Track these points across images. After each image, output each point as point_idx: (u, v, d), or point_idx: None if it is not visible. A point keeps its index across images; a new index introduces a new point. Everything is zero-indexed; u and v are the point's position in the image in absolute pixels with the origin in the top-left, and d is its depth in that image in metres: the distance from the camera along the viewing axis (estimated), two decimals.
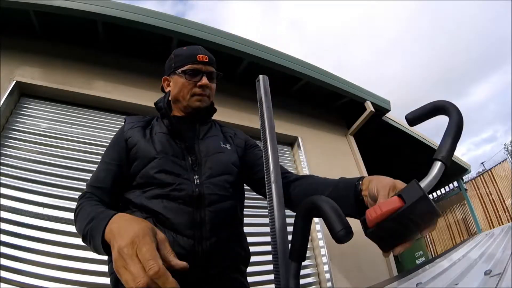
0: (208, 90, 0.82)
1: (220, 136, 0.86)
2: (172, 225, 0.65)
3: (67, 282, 1.54)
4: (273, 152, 0.50)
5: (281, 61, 2.74)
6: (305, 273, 2.41)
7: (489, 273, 0.43)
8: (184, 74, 0.81)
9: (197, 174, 0.72)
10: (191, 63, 0.81)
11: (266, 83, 0.55)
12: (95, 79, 2.24)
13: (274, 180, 0.47)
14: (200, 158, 0.76)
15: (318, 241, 2.56)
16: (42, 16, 2.04)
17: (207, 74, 0.82)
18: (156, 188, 0.69)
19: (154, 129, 0.80)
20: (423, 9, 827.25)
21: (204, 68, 0.82)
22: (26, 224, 1.62)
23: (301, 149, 3.01)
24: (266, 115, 0.52)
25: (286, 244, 0.43)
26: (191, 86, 0.81)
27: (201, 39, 2.33)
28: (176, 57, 0.84)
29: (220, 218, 0.70)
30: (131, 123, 0.81)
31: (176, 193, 0.68)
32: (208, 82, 0.81)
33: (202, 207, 0.68)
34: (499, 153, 20.99)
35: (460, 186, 6.69)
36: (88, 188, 0.73)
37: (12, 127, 1.90)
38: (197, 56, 0.81)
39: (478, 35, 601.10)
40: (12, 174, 1.74)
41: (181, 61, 0.82)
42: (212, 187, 0.72)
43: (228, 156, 0.81)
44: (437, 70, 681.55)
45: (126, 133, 0.78)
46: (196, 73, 0.81)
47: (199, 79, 0.81)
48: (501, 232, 1.23)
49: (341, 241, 0.35)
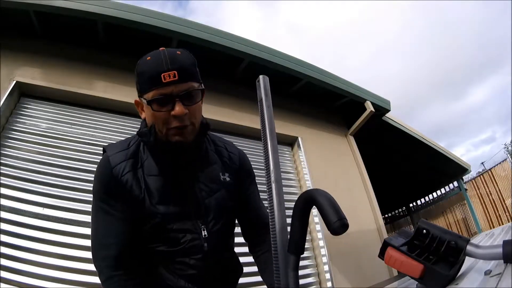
0: (188, 119, 0.63)
1: (218, 164, 0.76)
2: (184, 276, 0.69)
3: (67, 282, 1.54)
4: (273, 152, 0.50)
5: (281, 61, 2.74)
6: (305, 273, 2.41)
7: (489, 273, 0.43)
8: (150, 105, 0.61)
9: (203, 223, 0.70)
10: (155, 87, 0.60)
11: (266, 83, 0.55)
12: (95, 79, 2.24)
13: (274, 180, 0.47)
14: (202, 199, 0.70)
15: (318, 241, 2.56)
16: (42, 16, 2.04)
17: (182, 98, 0.61)
18: (163, 245, 0.68)
19: (144, 169, 0.68)
20: (423, 9, 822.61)
21: (175, 90, 0.60)
22: (26, 224, 1.62)
23: (301, 149, 3.01)
24: (267, 116, 0.52)
25: (286, 243, 0.44)
26: (164, 116, 0.62)
27: (201, 39, 2.33)
28: (139, 77, 0.64)
29: (222, 257, 0.77)
30: (119, 165, 0.66)
31: (186, 251, 0.68)
32: (183, 110, 0.60)
33: (210, 258, 0.71)
34: (499, 153, 20.99)
35: (460, 186, 6.68)
36: (104, 250, 0.66)
37: (12, 127, 1.90)
38: (161, 76, 0.59)
39: (478, 35, 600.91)
40: (12, 174, 1.74)
41: (144, 85, 0.62)
42: (219, 237, 0.73)
43: (228, 192, 0.75)
44: (437, 70, 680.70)
45: (120, 180, 0.65)
46: (166, 101, 0.61)
47: (171, 108, 0.61)
48: (501, 232, 1.23)
49: (337, 232, 0.36)
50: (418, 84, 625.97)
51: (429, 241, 0.48)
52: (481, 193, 6.80)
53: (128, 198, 0.66)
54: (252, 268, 2.30)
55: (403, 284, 0.74)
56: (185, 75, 0.62)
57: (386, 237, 0.66)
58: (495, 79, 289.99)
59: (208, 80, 3.13)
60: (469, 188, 6.94)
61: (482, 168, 10.40)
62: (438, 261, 0.45)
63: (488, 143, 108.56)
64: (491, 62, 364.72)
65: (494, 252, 0.42)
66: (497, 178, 6.47)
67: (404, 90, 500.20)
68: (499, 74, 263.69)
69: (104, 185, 0.67)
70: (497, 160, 7.08)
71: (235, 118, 2.69)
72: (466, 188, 6.73)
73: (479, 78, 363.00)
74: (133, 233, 0.68)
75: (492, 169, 6.70)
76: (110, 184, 0.66)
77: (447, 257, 0.45)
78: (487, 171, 6.91)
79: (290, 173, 2.96)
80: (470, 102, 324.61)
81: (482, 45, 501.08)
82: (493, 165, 6.80)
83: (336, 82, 3.18)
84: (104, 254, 0.66)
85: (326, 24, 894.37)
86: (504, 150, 19.03)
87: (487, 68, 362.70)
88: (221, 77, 2.82)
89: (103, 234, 0.67)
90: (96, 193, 0.69)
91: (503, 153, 17.58)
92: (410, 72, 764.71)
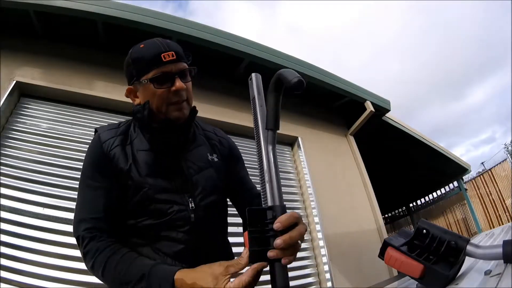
0: (185, 93, 0.69)
1: (206, 145, 0.79)
2: (170, 253, 0.65)
3: (67, 282, 1.54)
4: (266, 151, 0.50)
5: (281, 61, 2.74)
6: (305, 273, 2.41)
7: (489, 273, 0.43)
8: (152, 83, 0.66)
9: (190, 197, 0.69)
10: (156, 67, 0.66)
11: (259, 81, 0.55)
12: (95, 79, 2.24)
13: (268, 180, 0.47)
14: (190, 175, 0.71)
15: (318, 241, 2.56)
16: (42, 16, 2.04)
17: (179, 75, 0.68)
18: (150, 219, 0.66)
19: (134, 145, 0.71)
20: (423, 9, 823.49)
21: (174, 68, 0.67)
22: (26, 224, 1.62)
23: (301, 149, 3.01)
24: (260, 114, 0.52)
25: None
26: (164, 94, 0.67)
27: (201, 39, 2.33)
28: (135, 63, 0.69)
29: (213, 239, 0.73)
30: (109, 141, 0.69)
31: (173, 223, 0.66)
32: (183, 85, 0.67)
33: (198, 232, 0.68)
34: (499, 153, 21.00)
35: (460, 186, 6.68)
36: (86, 223, 0.63)
37: (12, 127, 1.90)
38: (161, 55, 0.66)
39: (478, 35, 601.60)
40: (12, 174, 1.74)
41: (144, 67, 0.68)
42: (207, 210, 0.71)
43: (217, 172, 0.76)
44: (437, 70, 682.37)
45: (107, 154, 0.68)
46: (166, 78, 0.67)
47: (172, 84, 0.67)
48: (501, 232, 1.23)
49: (297, 88, 0.40)
50: (418, 84, 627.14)
51: (429, 241, 0.48)
52: (481, 193, 6.80)
53: (116, 172, 0.67)
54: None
55: (403, 284, 0.74)
56: (180, 56, 0.69)
57: (386, 237, 0.66)
58: (495, 79, 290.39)
59: (208, 80, 3.14)
60: (469, 188, 6.94)
61: (482, 168, 10.40)
62: (438, 261, 0.45)
63: (488, 143, 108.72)
64: (491, 62, 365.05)
65: (494, 252, 0.42)
66: (497, 178, 6.47)
67: (404, 90, 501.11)
68: (499, 74, 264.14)
69: (94, 161, 0.69)
70: (497, 160, 7.09)
71: (235, 118, 2.69)
72: (466, 188, 6.73)
73: (479, 78, 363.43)
74: (118, 210, 0.67)
75: (492, 169, 6.71)
76: (100, 160, 0.68)
77: (447, 257, 0.45)
78: (487, 171, 6.91)
79: (290, 173, 2.96)
80: (470, 102, 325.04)
81: (482, 45, 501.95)
82: (493, 165, 6.80)
83: (336, 82, 3.18)
84: (88, 226, 0.63)
85: (326, 24, 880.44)
86: (504, 150, 19.02)
87: (487, 68, 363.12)
88: (221, 77, 2.83)
89: (88, 208, 0.65)
90: (85, 170, 0.70)
91: (503, 153, 17.57)
92: (410, 72, 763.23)
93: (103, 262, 0.60)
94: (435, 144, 5.05)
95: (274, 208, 0.45)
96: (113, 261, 0.59)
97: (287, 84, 0.41)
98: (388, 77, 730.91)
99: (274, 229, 0.43)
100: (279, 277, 0.42)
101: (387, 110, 3.68)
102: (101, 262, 0.60)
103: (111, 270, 0.59)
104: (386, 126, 4.02)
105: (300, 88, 0.40)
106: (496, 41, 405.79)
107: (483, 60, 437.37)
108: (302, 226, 0.47)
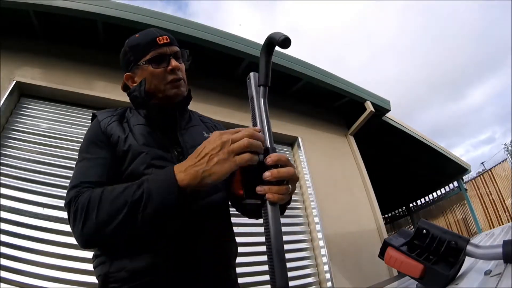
0: (181, 73, 0.75)
1: (202, 126, 0.83)
2: (164, 236, 0.61)
3: (67, 282, 1.54)
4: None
5: (281, 61, 2.74)
6: (305, 273, 2.41)
7: (489, 273, 0.43)
8: (150, 64, 0.72)
9: None
10: (153, 49, 0.73)
11: (257, 80, 0.56)
12: (95, 79, 2.24)
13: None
14: (186, 149, 0.71)
15: (318, 241, 2.56)
16: (42, 16, 2.04)
17: (174, 56, 0.74)
18: None
19: (130, 122, 0.74)
20: (423, 9, 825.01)
21: (169, 50, 0.74)
22: (26, 224, 1.62)
23: (301, 149, 3.01)
24: (257, 113, 0.53)
25: (280, 247, 0.43)
26: (162, 74, 0.72)
27: (201, 39, 2.33)
28: (132, 49, 0.76)
29: (212, 211, 0.68)
30: (106, 119, 0.73)
31: None
32: (178, 64, 0.74)
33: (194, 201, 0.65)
34: (499, 153, 21.00)
35: (460, 186, 6.68)
36: (77, 188, 0.60)
37: (12, 127, 1.90)
38: (156, 39, 0.73)
39: (478, 35, 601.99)
40: (12, 174, 1.74)
41: (141, 51, 0.74)
42: None
43: None
44: (437, 70, 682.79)
45: (105, 130, 0.70)
46: (162, 58, 0.73)
47: (168, 63, 0.73)
48: (501, 232, 1.23)
49: (284, 43, 0.45)
50: (418, 84, 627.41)
51: (429, 241, 0.48)
52: (481, 193, 6.80)
53: (113, 143, 0.68)
54: (252, 268, 2.29)
55: (403, 284, 0.74)
56: (173, 41, 0.77)
57: (386, 237, 0.66)
58: (495, 80, 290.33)
59: (208, 80, 3.14)
60: (469, 188, 6.95)
61: (482, 168, 10.41)
62: (438, 261, 0.45)
63: (487, 143, 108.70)
64: (491, 63, 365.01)
65: (494, 252, 0.42)
66: (497, 178, 6.47)
67: (404, 90, 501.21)
68: (499, 74, 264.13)
69: (90, 137, 0.72)
70: (497, 160, 7.09)
71: (235, 118, 2.69)
72: (466, 188, 6.73)
73: (478, 79, 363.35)
74: (113, 180, 0.63)
75: (492, 169, 6.71)
76: (97, 135, 0.71)
77: (447, 257, 0.45)
78: (487, 171, 6.91)
79: None
80: (469, 103, 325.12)
81: (482, 46, 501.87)
82: (493, 165, 6.80)
83: (336, 82, 3.18)
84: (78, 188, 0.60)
85: (326, 24, 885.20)
86: (504, 150, 19.04)
87: (486, 68, 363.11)
88: (221, 77, 2.83)
89: (80, 176, 0.63)
90: (81, 149, 0.70)
91: (503, 153, 17.59)
92: (410, 72, 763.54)
93: (98, 196, 0.56)
94: (435, 144, 5.05)
95: (267, 149, 0.50)
96: (108, 190, 0.57)
97: (275, 42, 0.47)
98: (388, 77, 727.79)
99: (266, 164, 0.47)
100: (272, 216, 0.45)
101: (387, 110, 3.68)
102: (96, 197, 0.56)
103: (108, 197, 0.55)
104: (386, 126, 4.02)
105: (288, 43, 0.45)
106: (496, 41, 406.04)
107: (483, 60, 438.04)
108: (292, 168, 0.50)
